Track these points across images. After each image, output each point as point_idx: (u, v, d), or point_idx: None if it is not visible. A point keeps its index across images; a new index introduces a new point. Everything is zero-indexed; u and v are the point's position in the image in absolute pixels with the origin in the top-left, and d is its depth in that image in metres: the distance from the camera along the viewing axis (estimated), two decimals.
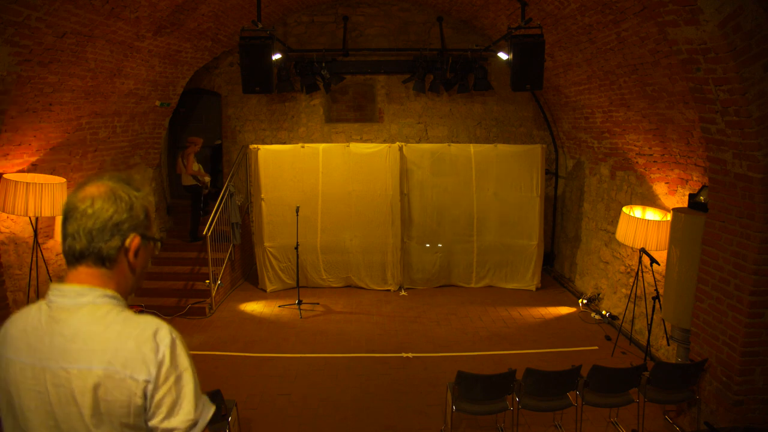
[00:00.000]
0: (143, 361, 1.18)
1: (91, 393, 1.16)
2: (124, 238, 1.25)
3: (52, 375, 1.17)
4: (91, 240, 1.21)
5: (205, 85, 8.97)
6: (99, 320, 1.19)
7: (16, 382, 1.19)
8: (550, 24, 6.02)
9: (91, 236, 1.21)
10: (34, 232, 5.29)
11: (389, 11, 8.83)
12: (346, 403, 5.04)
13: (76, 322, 1.19)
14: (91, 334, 1.18)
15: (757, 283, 3.83)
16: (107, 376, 1.16)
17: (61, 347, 1.17)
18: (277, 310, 7.47)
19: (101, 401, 1.16)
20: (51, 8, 4.00)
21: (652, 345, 5.96)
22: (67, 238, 1.23)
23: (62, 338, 1.18)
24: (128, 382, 1.17)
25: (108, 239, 1.22)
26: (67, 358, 1.17)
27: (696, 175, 5.24)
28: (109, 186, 1.25)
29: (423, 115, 9.21)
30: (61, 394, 1.17)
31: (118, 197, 1.24)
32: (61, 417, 1.17)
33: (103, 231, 1.22)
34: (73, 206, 1.22)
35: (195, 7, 5.98)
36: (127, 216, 1.25)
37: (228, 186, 8.04)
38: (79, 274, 1.24)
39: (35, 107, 4.81)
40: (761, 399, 4.05)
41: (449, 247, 8.38)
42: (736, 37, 3.26)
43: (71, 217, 1.22)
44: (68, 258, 1.24)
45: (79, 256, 1.23)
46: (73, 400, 1.16)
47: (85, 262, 1.23)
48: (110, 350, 1.17)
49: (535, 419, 4.70)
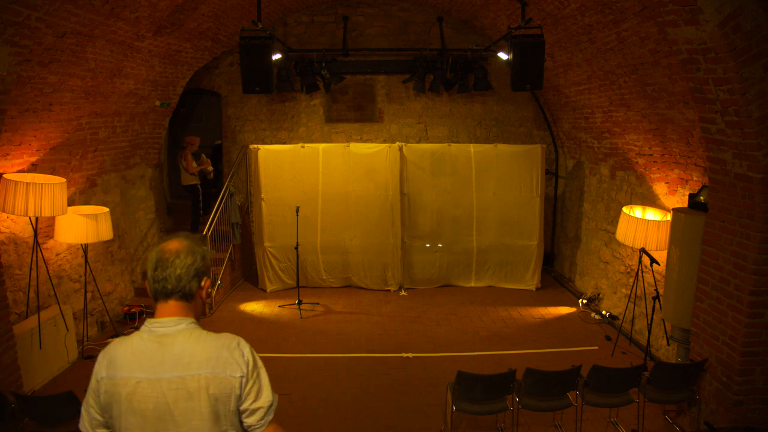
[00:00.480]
0: (236, 363, 1.64)
1: (204, 390, 1.59)
2: (200, 280, 1.70)
3: (168, 382, 1.58)
4: (179, 282, 1.64)
5: (205, 85, 8.97)
6: (196, 340, 1.63)
7: (131, 393, 1.58)
8: (550, 24, 6.02)
9: (179, 279, 1.64)
10: (34, 232, 5.29)
11: (389, 11, 8.83)
12: (346, 403, 5.04)
13: (181, 343, 1.61)
14: (193, 350, 1.61)
15: (757, 283, 3.82)
16: (213, 376, 1.60)
17: (173, 361, 1.59)
18: (277, 310, 7.47)
19: (211, 395, 1.60)
20: (51, 8, 4.00)
21: (652, 345, 5.96)
22: (160, 281, 1.64)
23: (172, 355, 1.60)
24: (229, 379, 1.62)
25: (190, 281, 1.66)
26: (180, 368, 1.59)
27: (696, 175, 5.24)
28: (186, 243, 1.68)
29: (423, 115, 9.21)
30: (179, 395, 1.58)
31: (194, 251, 1.68)
32: (178, 412, 1.58)
33: (188, 276, 1.65)
34: (164, 257, 1.64)
35: (195, 7, 5.98)
36: (201, 264, 1.69)
37: (228, 186, 8.04)
38: (169, 307, 1.66)
39: (35, 107, 4.81)
40: (761, 399, 4.05)
41: (449, 247, 8.38)
42: (736, 37, 3.26)
43: (161, 266, 1.64)
44: (160, 295, 1.66)
45: (170, 294, 1.65)
46: (189, 397, 1.59)
47: (173, 297, 1.66)
48: (212, 359, 1.61)
49: (535, 419, 4.70)
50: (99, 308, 6.65)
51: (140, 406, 1.58)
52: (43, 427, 3.90)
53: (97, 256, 6.62)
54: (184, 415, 1.59)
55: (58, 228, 5.67)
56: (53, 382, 5.44)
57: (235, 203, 8.17)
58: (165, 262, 1.64)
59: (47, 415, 3.83)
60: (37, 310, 5.44)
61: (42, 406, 3.81)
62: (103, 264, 6.78)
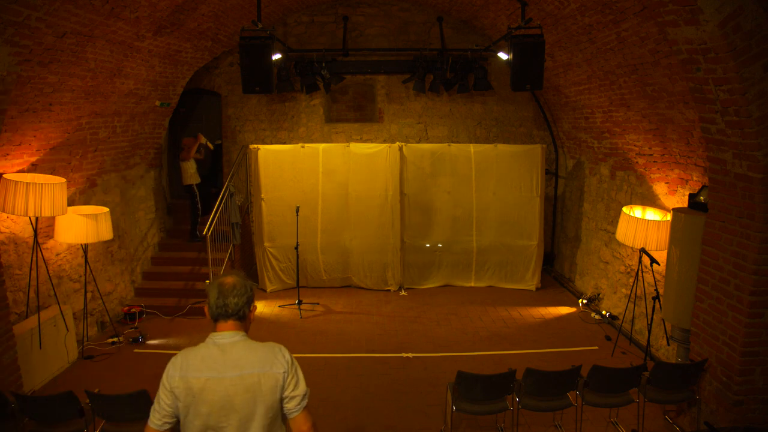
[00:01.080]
0: (279, 363, 2.15)
1: (257, 384, 2.08)
2: (250, 305, 2.22)
3: (230, 380, 2.06)
4: (237, 308, 2.16)
5: (205, 85, 8.97)
6: (249, 347, 2.15)
7: (202, 388, 2.05)
8: (550, 24, 6.02)
9: (238, 306, 2.16)
10: (34, 232, 5.29)
11: (389, 11, 8.83)
12: (346, 403, 5.04)
13: (238, 350, 2.12)
14: (248, 355, 2.12)
15: (757, 283, 3.83)
16: (263, 374, 2.10)
17: (233, 364, 2.09)
18: (277, 310, 7.47)
19: (263, 387, 2.09)
20: (51, 8, 4.00)
21: (652, 345, 5.96)
22: (221, 307, 2.14)
23: (232, 359, 2.09)
24: (275, 375, 2.12)
25: (244, 306, 2.18)
26: (238, 369, 2.08)
27: (696, 175, 5.24)
28: (239, 279, 2.20)
29: (423, 115, 9.21)
30: (238, 389, 2.06)
31: (245, 284, 2.20)
32: (237, 401, 2.06)
33: (243, 303, 2.18)
34: (224, 290, 2.15)
35: (195, 7, 5.98)
36: (251, 294, 2.23)
37: (228, 186, 8.04)
38: (228, 324, 2.17)
39: (35, 107, 4.81)
40: (761, 399, 4.05)
41: (449, 247, 8.38)
42: (736, 37, 3.26)
43: (222, 296, 2.14)
44: (221, 316, 2.16)
45: (229, 316, 2.16)
46: (246, 390, 2.07)
47: (232, 318, 2.17)
48: (262, 361, 2.12)
49: (535, 419, 4.70)
50: (99, 308, 6.65)
51: (209, 397, 2.05)
52: (43, 427, 3.90)
53: (97, 256, 6.62)
54: (242, 403, 2.07)
55: (58, 228, 5.67)
56: (53, 382, 5.44)
57: (235, 203, 8.16)
58: (225, 293, 2.15)
59: (47, 415, 3.83)
60: (37, 310, 5.44)
61: (42, 406, 3.81)
62: (103, 264, 6.78)
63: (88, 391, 3.77)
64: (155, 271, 7.95)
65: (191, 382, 2.04)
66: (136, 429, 3.81)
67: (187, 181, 8.20)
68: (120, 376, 5.61)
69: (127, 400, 3.71)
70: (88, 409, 3.78)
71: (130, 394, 3.68)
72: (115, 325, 6.76)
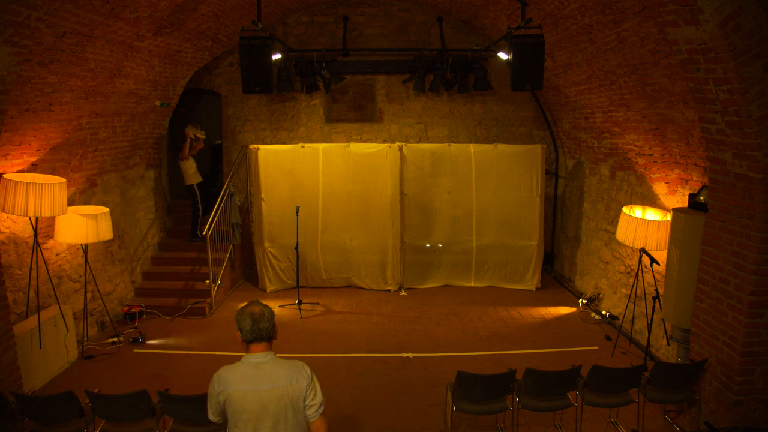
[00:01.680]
0: (303, 377, 2.62)
1: (286, 394, 2.56)
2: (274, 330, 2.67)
3: (266, 391, 2.54)
4: (267, 332, 2.61)
5: (205, 85, 8.97)
6: (279, 365, 2.61)
7: (241, 398, 2.53)
8: (550, 24, 6.02)
9: (267, 330, 2.61)
10: (34, 232, 5.29)
11: (389, 11, 8.83)
12: (346, 403, 5.04)
13: (270, 367, 2.59)
14: (278, 371, 2.59)
15: (757, 283, 3.82)
16: (290, 385, 2.57)
17: (266, 378, 2.56)
18: (277, 310, 7.47)
19: (290, 397, 2.57)
20: (51, 8, 4.00)
21: (652, 345, 5.96)
22: (256, 332, 2.58)
23: (265, 375, 2.57)
24: (300, 387, 2.59)
25: (271, 330, 2.64)
26: (270, 382, 2.56)
27: (696, 175, 5.24)
28: (263, 306, 2.65)
29: (423, 115, 9.21)
30: (272, 398, 2.54)
31: (269, 312, 2.65)
32: (272, 408, 2.54)
33: (271, 326, 2.64)
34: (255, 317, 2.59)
35: (195, 7, 5.98)
36: (274, 320, 2.67)
37: (228, 186, 8.04)
38: (261, 346, 2.62)
39: (35, 107, 4.81)
40: (761, 399, 4.05)
41: (449, 247, 8.38)
42: (736, 37, 3.26)
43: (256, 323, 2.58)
44: (255, 339, 2.60)
45: (263, 339, 2.61)
46: (278, 399, 2.55)
47: (263, 341, 2.62)
48: (289, 376, 2.59)
49: (535, 419, 4.70)
50: (99, 308, 6.65)
51: (247, 406, 2.54)
52: (43, 427, 3.90)
53: (97, 256, 6.62)
54: (276, 410, 2.56)
55: (58, 228, 5.67)
56: (53, 382, 5.44)
57: (235, 203, 8.17)
58: (257, 320, 2.59)
59: (47, 415, 3.83)
60: (37, 310, 5.44)
61: (42, 406, 3.81)
62: (103, 264, 6.78)
63: (88, 391, 3.77)
64: (155, 271, 7.95)
65: (233, 394, 2.53)
66: (136, 429, 3.82)
67: (189, 181, 8.19)
68: (120, 376, 5.61)
69: (127, 400, 3.72)
70: (88, 409, 3.79)
71: (130, 394, 3.68)
72: (115, 325, 6.76)
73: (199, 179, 8.29)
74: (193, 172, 8.25)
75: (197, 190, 8.26)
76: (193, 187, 8.21)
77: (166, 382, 5.40)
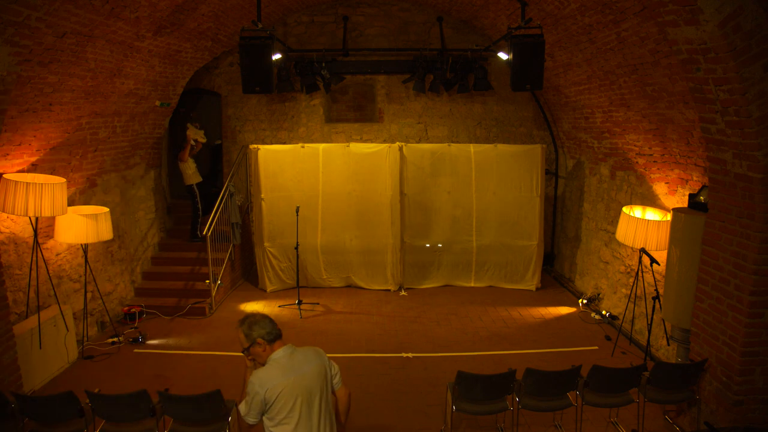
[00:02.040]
0: (323, 356, 3.01)
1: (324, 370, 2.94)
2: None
3: (308, 373, 2.86)
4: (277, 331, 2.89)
5: (205, 85, 8.97)
6: (302, 351, 2.95)
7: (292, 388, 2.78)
8: (550, 24, 6.02)
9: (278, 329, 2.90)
10: (34, 232, 5.29)
11: (389, 11, 8.83)
12: None
13: (299, 354, 2.92)
14: (306, 355, 2.93)
15: (757, 283, 3.83)
16: (319, 364, 2.93)
17: (303, 363, 2.88)
18: (277, 310, 7.47)
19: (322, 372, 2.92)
20: (51, 8, 4.00)
21: (652, 345, 5.96)
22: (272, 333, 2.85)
23: (300, 361, 2.88)
24: (325, 363, 2.98)
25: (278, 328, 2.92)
26: (308, 363, 2.90)
27: (696, 175, 5.24)
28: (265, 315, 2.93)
29: (423, 115, 9.21)
30: (314, 376, 2.87)
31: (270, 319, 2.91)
32: (317, 386, 2.87)
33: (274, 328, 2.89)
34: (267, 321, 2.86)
35: (195, 7, 5.98)
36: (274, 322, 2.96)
37: (228, 186, 8.04)
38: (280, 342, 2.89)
39: (35, 107, 4.81)
40: (761, 399, 4.05)
41: (449, 247, 8.38)
42: (736, 37, 3.26)
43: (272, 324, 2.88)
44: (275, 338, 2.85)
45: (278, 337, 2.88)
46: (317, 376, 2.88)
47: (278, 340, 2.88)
48: (315, 355, 2.97)
49: (535, 419, 4.70)
50: (99, 308, 6.65)
51: (297, 392, 2.81)
52: (43, 427, 3.90)
53: (97, 256, 6.62)
54: (321, 386, 2.90)
55: (58, 228, 5.67)
56: (53, 382, 5.44)
57: (235, 203, 8.17)
58: (270, 323, 2.88)
59: (47, 415, 3.83)
60: (37, 310, 5.44)
61: (42, 406, 3.81)
62: (103, 264, 6.78)
63: (88, 391, 3.77)
64: (155, 271, 7.95)
65: (280, 387, 2.78)
66: (136, 429, 3.82)
67: (188, 181, 8.20)
68: (120, 376, 5.61)
69: (127, 400, 3.72)
70: (88, 409, 3.79)
71: (130, 394, 3.68)
72: (115, 325, 6.76)
73: (198, 179, 8.29)
74: (193, 173, 8.25)
75: (197, 190, 8.26)
76: (192, 187, 8.21)
77: (166, 382, 5.40)
